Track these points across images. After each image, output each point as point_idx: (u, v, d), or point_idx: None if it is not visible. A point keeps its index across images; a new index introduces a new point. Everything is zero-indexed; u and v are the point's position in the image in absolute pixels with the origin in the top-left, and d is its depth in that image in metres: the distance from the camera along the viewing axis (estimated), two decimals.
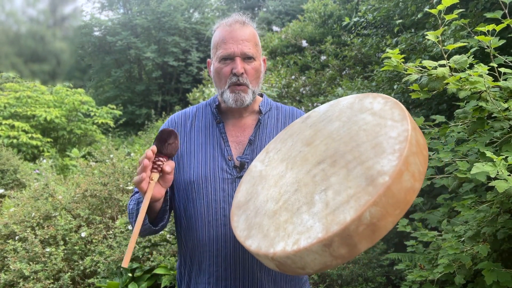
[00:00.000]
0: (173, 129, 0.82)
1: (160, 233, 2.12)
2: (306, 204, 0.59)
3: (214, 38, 0.91)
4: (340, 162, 0.60)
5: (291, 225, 0.57)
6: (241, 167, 0.89)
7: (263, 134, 0.94)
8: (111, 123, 7.63)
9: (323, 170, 0.62)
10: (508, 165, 0.86)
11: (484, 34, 1.00)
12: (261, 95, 1.00)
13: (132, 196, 0.95)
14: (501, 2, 1.10)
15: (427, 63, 0.99)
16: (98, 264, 2.19)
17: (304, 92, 3.41)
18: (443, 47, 1.01)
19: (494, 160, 0.85)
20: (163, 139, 0.76)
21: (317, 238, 0.51)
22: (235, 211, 0.73)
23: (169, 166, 0.75)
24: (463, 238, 1.19)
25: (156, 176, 0.74)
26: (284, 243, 0.54)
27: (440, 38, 1.01)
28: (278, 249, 0.54)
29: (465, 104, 1.08)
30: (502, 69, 1.00)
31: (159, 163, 0.75)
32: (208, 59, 0.96)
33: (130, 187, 2.64)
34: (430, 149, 1.21)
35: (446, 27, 1.77)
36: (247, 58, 0.87)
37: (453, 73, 0.98)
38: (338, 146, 0.63)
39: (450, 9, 1.68)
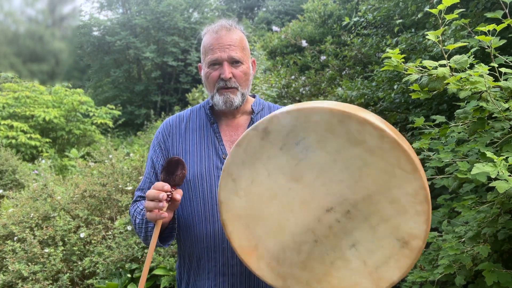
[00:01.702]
0: (179, 157, 0.81)
1: None
2: (339, 259, 0.62)
3: (202, 44, 0.94)
4: (356, 214, 0.60)
5: (335, 279, 0.61)
6: None
7: None
8: (110, 123, 7.62)
9: (338, 221, 0.62)
10: (509, 165, 0.85)
11: (485, 34, 0.99)
12: (254, 96, 1.03)
13: (134, 202, 0.97)
14: (501, 2, 1.09)
15: (428, 63, 0.99)
16: (97, 265, 2.18)
17: (304, 92, 3.41)
18: (444, 47, 1.01)
19: (495, 160, 0.84)
20: (171, 171, 0.77)
21: None
22: (249, 257, 0.68)
23: (178, 194, 0.79)
24: (463, 239, 1.19)
25: (166, 205, 0.76)
26: None
27: (440, 38, 1.01)
28: None
29: (466, 104, 1.07)
30: (503, 69, 1.00)
31: (169, 193, 0.77)
32: (199, 64, 0.99)
33: (129, 188, 2.63)
34: (430, 150, 1.20)
35: (446, 27, 1.77)
36: (234, 62, 0.90)
37: (454, 73, 0.97)
38: (343, 191, 0.60)
39: (450, 9, 1.68)
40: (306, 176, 0.62)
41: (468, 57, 0.97)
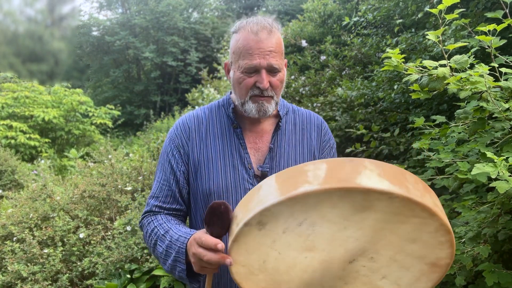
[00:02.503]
0: (223, 202, 0.64)
1: None
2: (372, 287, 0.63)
3: (236, 44, 0.82)
4: (380, 257, 0.60)
5: None
6: (262, 177, 0.85)
7: (282, 140, 0.89)
8: (110, 124, 7.61)
9: (364, 266, 0.61)
10: (509, 165, 0.85)
11: (485, 34, 0.99)
12: None
13: (149, 213, 0.85)
14: (501, 2, 1.09)
15: (428, 63, 0.99)
16: (97, 266, 2.18)
17: (303, 92, 3.41)
18: (444, 47, 1.01)
19: (495, 160, 0.84)
20: (220, 223, 0.63)
21: None
22: None
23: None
24: (463, 239, 1.18)
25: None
26: None
27: (440, 38, 1.00)
28: None
29: (466, 104, 1.07)
30: (503, 69, 1.00)
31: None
32: (226, 61, 0.88)
33: (129, 188, 2.63)
34: (430, 150, 1.20)
35: (446, 26, 1.76)
36: (272, 70, 0.81)
37: (454, 73, 0.97)
38: (362, 245, 0.58)
39: (450, 9, 1.67)
40: (319, 244, 0.59)
41: (469, 57, 0.97)
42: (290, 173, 0.55)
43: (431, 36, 0.98)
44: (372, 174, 0.52)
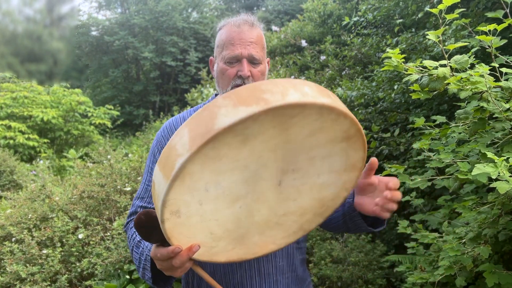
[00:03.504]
0: (139, 215, 0.61)
1: None
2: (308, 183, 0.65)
3: (220, 37, 0.87)
4: (298, 162, 0.60)
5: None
6: None
7: None
8: (109, 124, 7.60)
9: (294, 179, 0.62)
10: (510, 166, 0.85)
11: (485, 33, 0.99)
12: None
13: (134, 215, 0.83)
14: (502, 2, 1.09)
15: (428, 63, 0.98)
16: (96, 266, 2.17)
17: None
18: (444, 47, 1.00)
19: (495, 161, 0.84)
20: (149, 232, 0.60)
21: None
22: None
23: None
24: (464, 240, 1.18)
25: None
26: None
27: (441, 38, 1.00)
28: None
29: (466, 104, 1.07)
30: (504, 69, 0.99)
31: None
32: (211, 57, 0.92)
33: (128, 188, 2.62)
34: (431, 150, 1.20)
35: (447, 26, 1.76)
36: (253, 61, 0.84)
37: (454, 73, 0.97)
38: (276, 167, 0.58)
39: (451, 9, 1.67)
40: (239, 191, 0.58)
41: (469, 57, 0.97)
42: (164, 155, 0.54)
43: (431, 36, 0.98)
44: (227, 109, 0.50)
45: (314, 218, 0.70)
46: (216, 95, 0.96)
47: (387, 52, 1.02)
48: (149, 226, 0.60)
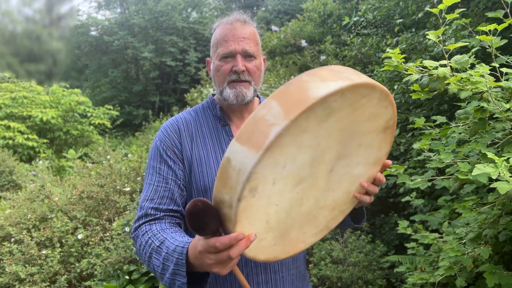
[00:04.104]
0: (193, 202, 0.57)
1: None
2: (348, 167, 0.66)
3: (214, 36, 0.89)
4: (351, 149, 0.63)
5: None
6: None
7: None
8: (108, 124, 7.60)
9: (342, 166, 0.64)
10: (510, 166, 0.84)
11: (486, 33, 0.99)
12: (257, 96, 0.98)
13: (145, 219, 0.79)
14: (502, 2, 1.09)
15: (428, 63, 0.98)
16: (95, 267, 2.17)
17: None
18: (444, 47, 1.00)
19: (496, 161, 0.83)
20: (205, 223, 0.56)
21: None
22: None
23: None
24: (464, 240, 1.18)
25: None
26: None
27: (441, 38, 1.00)
28: None
29: (466, 104, 1.07)
30: (504, 69, 0.99)
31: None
32: (208, 58, 0.94)
33: (127, 189, 2.61)
34: (431, 150, 1.19)
35: (447, 26, 1.76)
36: (248, 56, 0.86)
37: (454, 73, 0.96)
38: (336, 150, 0.61)
39: (451, 9, 1.67)
40: (304, 172, 0.60)
41: (469, 57, 0.96)
42: (249, 128, 0.53)
43: (432, 36, 0.98)
44: (316, 83, 0.52)
45: (337, 216, 0.70)
46: (213, 95, 0.95)
47: (387, 52, 1.02)
48: (203, 215, 0.56)
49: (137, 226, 0.81)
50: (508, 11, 1.06)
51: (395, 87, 2.28)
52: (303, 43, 4.65)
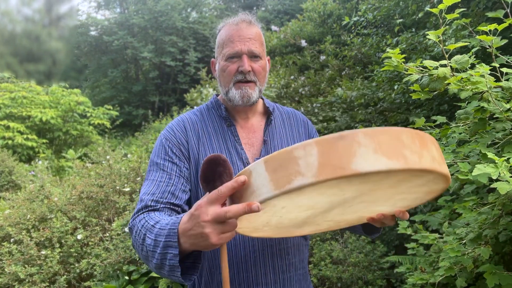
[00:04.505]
0: (213, 155, 0.60)
1: None
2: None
3: (220, 37, 0.89)
4: (376, 195, 0.59)
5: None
6: None
7: (274, 134, 0.93)
8: (108, 124, 7.59)
9: (361, 202, 0.61)
10: (510, 166, 0.84)
11: (486, 33, 0.99)
12: (261, 98, 0.99)
13: (142, 211, 0.77)
14: (502, 1, 1.08)
15: (428, 63, 0.98)
16: (95, 267, 2.16)
17: (303, 92, 3.40)
18: (444, 47, 1.00)
19: (496, 161, 0.83)
20: (213, 177, 0.58)
21: None
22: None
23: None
24: (464, 241, 1.18)
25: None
26: None
27: (441, 38, 1.00)
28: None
29: (467, 104, 1.06)
30: (504, 69, 0.99)
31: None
32: (212, 59, 0.94)
33: (127, 189, 2.61)
34: None
35: (447, 26, 1.76)
36: (254, 56, 0.86)
37: (454, 73, 0.96)
38: (359, 195, 0.58)
39: (451, 9, 1.67)
40: (319, 204, 0.59)
41: (469, 57, 0.96)
42: (279, 160, 0.51)
43: (432, 36, 0.97)
44: (367, 152, 0.47)
45: (342, 226, 0.74)
46: (217, 95, 0.96)
47: (387, 52, 1.02)
48: (221, 165, 0.57)
49: (135, 216, 0.78)
50: (508, 11, 1.06)
51: (395, 87, 2.28)
52: (303, 43, 4.65)
